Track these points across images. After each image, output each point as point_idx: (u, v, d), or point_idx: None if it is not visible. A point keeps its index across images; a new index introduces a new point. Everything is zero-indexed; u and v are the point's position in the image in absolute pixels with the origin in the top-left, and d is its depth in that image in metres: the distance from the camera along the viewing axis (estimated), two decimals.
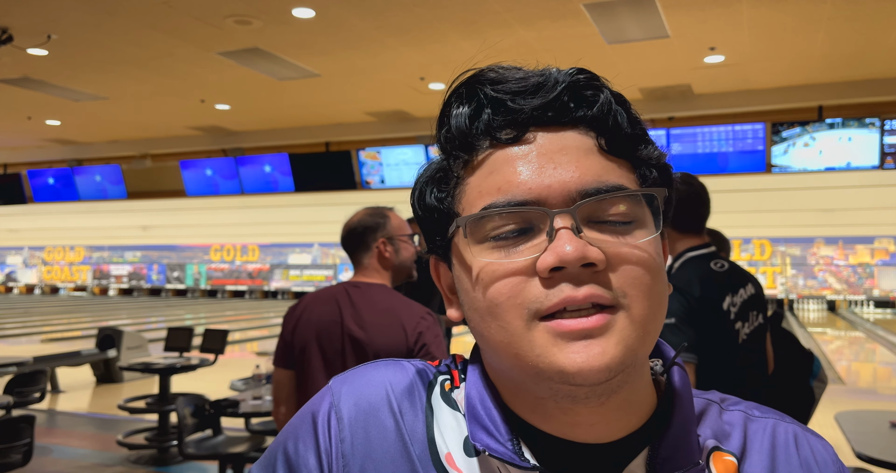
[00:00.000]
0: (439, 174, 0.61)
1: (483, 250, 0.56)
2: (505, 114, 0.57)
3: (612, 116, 0.58)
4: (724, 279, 2.20)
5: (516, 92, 0.57)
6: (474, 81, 0.59)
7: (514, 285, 0.54)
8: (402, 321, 2.16)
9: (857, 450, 3.01)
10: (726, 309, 2.14)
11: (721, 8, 5.59)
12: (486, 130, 0.58)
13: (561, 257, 0.51)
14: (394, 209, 2.41)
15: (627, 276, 0.54)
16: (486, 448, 0.56)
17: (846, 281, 18.60)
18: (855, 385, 8.53)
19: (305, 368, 2.22)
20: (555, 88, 0.57)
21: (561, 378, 0.52)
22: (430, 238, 0.63)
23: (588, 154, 0.56)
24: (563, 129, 0.57)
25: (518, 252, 0.54)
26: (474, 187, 0.58)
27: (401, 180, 9.44)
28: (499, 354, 0.56)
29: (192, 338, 6.07)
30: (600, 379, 0.51)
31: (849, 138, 7.40)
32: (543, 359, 0.52)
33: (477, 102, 0.58)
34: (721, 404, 0.65)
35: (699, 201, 2.26)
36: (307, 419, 0.63)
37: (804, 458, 0.61)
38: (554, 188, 0.55)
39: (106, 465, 5.00)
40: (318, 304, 2.26)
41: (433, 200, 0.61)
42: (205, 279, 25.21)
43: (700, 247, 2.25)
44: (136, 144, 11.66)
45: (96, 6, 5.61)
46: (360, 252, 2.30)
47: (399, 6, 5.57)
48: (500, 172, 0.57)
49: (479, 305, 0.56)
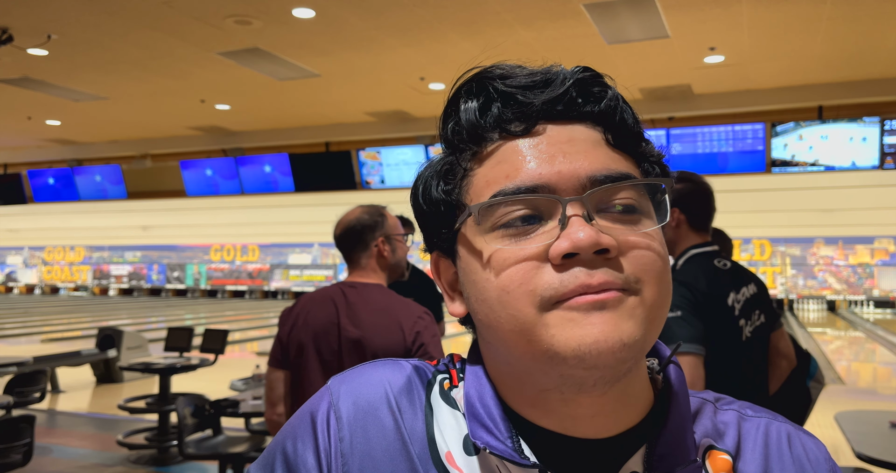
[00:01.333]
0: (445, 167, 0.62)
1: (494, 239, 0.56)
2: (515, 107, 0.58)
3: (618, 112, 0.59)
4: (728, 277, 2.21)
5: (526, 86, 0.58)
6: (482, 76, 0.60)
7: (526, 271, 0.54)
8: (400, 321, 2.14)
9: (857, 450, 3.01)
10: (731, 305, 2.14)
11: (721, 8, 5.59)
12: (496, 123, 0.59)
13: (575, 243, 0.52)
14: (386, 208, 2.37)
15: (639, 262, 0.54)
16: (486, 446, 0.56)
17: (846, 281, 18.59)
18: (855, 385, 8.53)
19: (302, 369, 2.20)
20: (563, 83, 0.58)
21: (577, 357, 0.52)
22: (435, 233, 0.63)
23: (596, 146, 0.58)
24: (571, 123, 0.58)
25: (529, 239, 0.55)
26: (482, 177, 0.59)
27: (401, 180, 9.44)
28: (509, 344, 0.56)
29: (192, 338, 6.06)
30: (616, 356, 0.51)
31: (849, 139, 7.40)
32: (559, 337, 0.52)
33: (486, 96, 0.59)
34: (715, 403, 0.65)
35: (704, 198, 2.26)
36: (306, 418, 0.63)
37: (797, 456, 0.61)
38: (564, 175, 0.55)
39: (106, 465, 5.00)
40: (314, 305, 2.23)
41: (440, 193, 0.61)
42: (205, 279, 25.21)
43: (704, 245, 2.25)
44: (136, 144, 11.66)
45: (96, 6, 5.61)
46: (358, 251, 2.26)
47: (399, 6, 5.57)
48: (508, 161, 0.57)
49: (489, 294, 0.56)
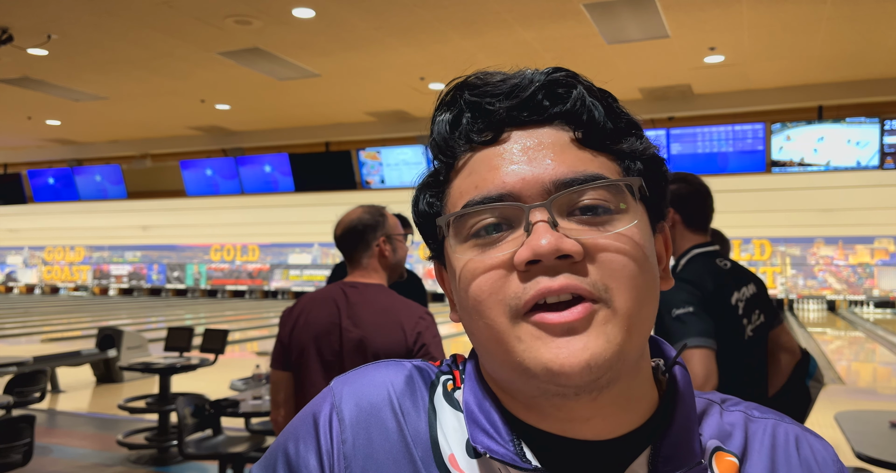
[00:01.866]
0: (430, 180, 0.63)
1: (466, 249, 0.57)
2: (482, 116, 0.59)
3: (586, 110, 0.58)
4: (730, 277, 2.23)
5: (492, 95, 0.59)
6: (456, 87, 0.61)
7: (494, 280, 0.54)
8: (402, 321, 2.14)
9: (857, 450, 3.01)
10: (734, 304, 2.16)
11: (721, 8, 5.59)
12: (465, 134, 0.60)
13: (535, 250, 0.52)
14: (386, 208, 2.37)
15: (608, 267, 0.53)
16: (486, 451, 0.55)
17: (846, 281, 18.59)
18: (855, 385, 8.52)
19: (304, 370, 2.19)
20: (528, 87, 0.58)
21: (546, 376, 0.52)
22: (428, 243, 0.65)
23: (564, 148, 0.57)
24: (538, 127, 0.58)
25: (497, 248, 0.55)
26: (456, 188, 0.60)
27: (401, 180, 9.44)
28: (489, 352, 0.56)
29: (192, 338, 6.06)
30: (583, 378, 0.51)
31: (848, 139, 7.40)
32: (529, 355, 0.52)
33: (458, 107, 0.60)
34: (721, 404, 0.65)
35: (699, 198, 2.27)
36: (308, 420, 0.62)
37: (804, 458, 0.61)
38: (528, 181, 0.55)
39: (106, 465, 5.00)
40: (315, 306, 2.22)
41: (425, 205, 0.63)
42: (205, 279, 25.19)
43: (705, 245, 2.27)
44: (136, 144, 11.66)
45: (96, 6, 5.61)
46: (360, 251, 2.26)
47: (399, 6, 5.57)
48: (477, 171, 0.58)
49: (466, 303, 0.57)
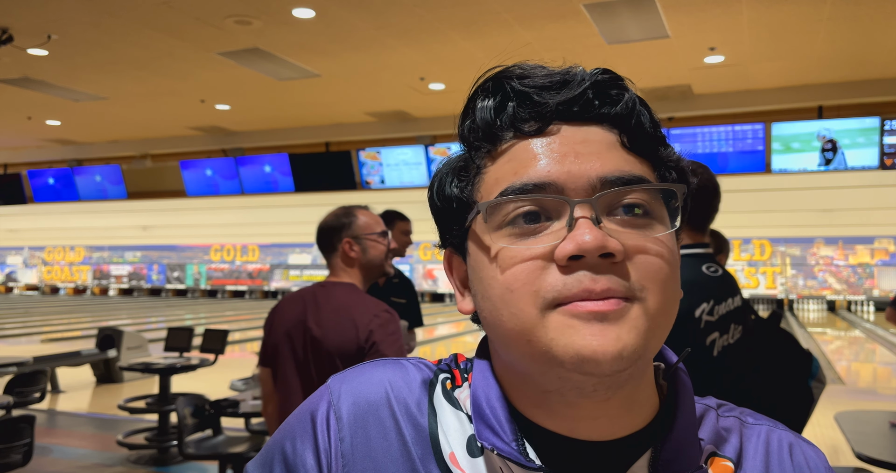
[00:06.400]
0: (460, 164, 0.62)
1: (501, 236, 0.56)
2: (530, 107, 0.58)
3: (635, 115, 0.58)
4: (713, 285, 2.02)
5: (542, 86, 0.58)
6: (501, 76, 0.60)
7: (530, 271, 0.53)
8: (355, 319, 2.19)
9: (857, 450, 3.00)
10: (697, 316, 1.94)
11: (721, 8, 5.59)
12: (511, 122, 0.58)
13: (580, 246, 0.51)
14: (367, 208, 2.44)
15: (646, 269, 0.53)
16: (492, 447, 0.55)
17: (846, 281, 18.58)
18: (855, 385, 8.52)
19: (279, 367, 2.30)
20: (580, 84, 0.57)
21: (575, 363, 0.51)
22: (448, 229, 0.63)
23: (611, 148, 0.57)
24: (586, 124, 0.58)
25: (536, 239, 0.54)
26: (492, 174, 0.58)
27: (401, 180, 9.44)
28: (510, 343, 0.56)
29: (192, 338, 6.06)
30: (612, 367, 0.51)
31: (849, 139, 7.40)
32: (558, 342, 0.51)
33: (503, 95, 0.59)
34: (717, 409, 0.65)
35: (706, 194, 2.06)
36: (305, 418, 0.62)
37: (798, 465, 0.61)
38: (574, 174, 0.54)
39: (106, 465, 5.00)
40: (288, 305, 2.34)
41: (453, 190, 0.61)
42: (205, 279, 25.18)
43: (695, 246, 2.07)
44: (136, 144, 11.67)
45: (96, 6, 5.61)
46: (328, 253, 2.37)
47: (399, 6, 5.57)
48: (518, 158, 0.57)
49: (493, 292, 0.56)
